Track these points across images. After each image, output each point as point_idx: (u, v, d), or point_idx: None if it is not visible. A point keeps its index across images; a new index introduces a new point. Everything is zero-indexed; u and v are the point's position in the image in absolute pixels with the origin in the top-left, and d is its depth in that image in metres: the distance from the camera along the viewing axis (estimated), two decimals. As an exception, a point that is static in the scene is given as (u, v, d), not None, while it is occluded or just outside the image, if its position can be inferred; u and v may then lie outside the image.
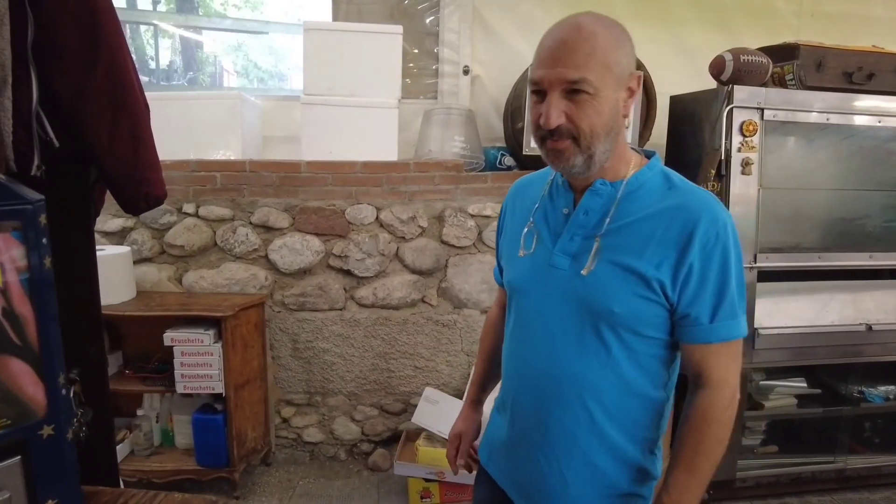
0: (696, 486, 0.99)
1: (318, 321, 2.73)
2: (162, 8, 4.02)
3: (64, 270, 1.19)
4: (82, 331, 1.28)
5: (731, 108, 2.28)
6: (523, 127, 2.57)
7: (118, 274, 2.49)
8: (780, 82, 2.46)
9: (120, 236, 2.67)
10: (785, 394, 2.60)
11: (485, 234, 2.74)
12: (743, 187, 2.33)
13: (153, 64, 4.01)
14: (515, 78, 2.95)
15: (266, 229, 2.67)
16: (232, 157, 2.72)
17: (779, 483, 2.58)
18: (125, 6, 3.80)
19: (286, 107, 3.22)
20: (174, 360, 2.39)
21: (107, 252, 2.47)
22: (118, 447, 2.50)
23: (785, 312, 2.47)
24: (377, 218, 2.71)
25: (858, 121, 2.43)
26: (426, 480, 2.45)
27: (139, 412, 2.60)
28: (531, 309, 1.08)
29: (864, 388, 2.66)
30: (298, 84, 4.09)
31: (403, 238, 2.73)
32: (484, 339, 1.38)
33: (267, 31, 4.11)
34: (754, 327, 2.39)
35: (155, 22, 3.90)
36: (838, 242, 2.51)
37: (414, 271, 2.75)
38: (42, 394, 0.69)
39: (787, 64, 2.43)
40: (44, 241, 0.68)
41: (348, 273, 2.71)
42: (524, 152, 2.54)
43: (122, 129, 1.26)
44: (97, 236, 2.65)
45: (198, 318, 2.40)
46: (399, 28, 2.83)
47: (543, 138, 0.98)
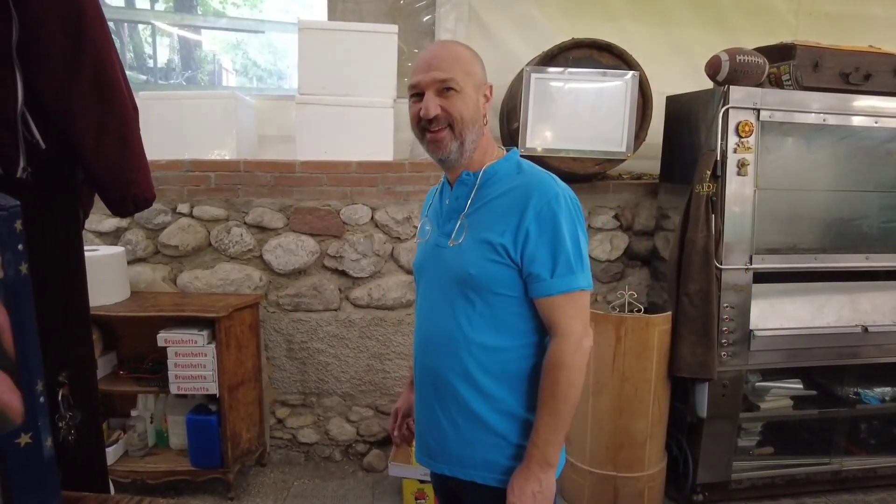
0: (557, 425, 1.13)
1: (312, 322, 2.72)
2: (160, 7, 4.01)
3: (51, 272, 1.18)
4: (70, 333, 1.27)
5: (728, 109, 2.27)
6: (518, 127, 2.55)
7: (112, 274, 2.48)
8: (776, 83, 2.45)
9: (114, 236, 2.66)
10: (781, 395, 2.59)
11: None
12: (739, 188, 2.32)
13: (151, 63, 4.00)
14: (510, 77, 2.94)
15: (261, 229, 2.66)
16: (226, 157, 2.71)
17: (774, 484, 2.57)
18: (123, 5, 3.79)
19: (281, 106, 3.20)
20: (168, 360, 2.38)
21: (100, 252, 2.46)
22: (112, 448, 2.49)
23: (781, 314, 2.46)
24: (372, 218, 2.70)
25: (855, 121, 2.42)
26: (421, 482, 2.44)
27: (133, 413, 2.59)
28: (424, 285, 1.28)
29: (859, 390, 2.65)
30: (296, 83, 4.09)
31: (398, 238, 2.72)
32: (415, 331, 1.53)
33: (263, 31, 4.10)
34: (750, 328, 2.38)
35: (153, 21, 3.89)
36: (835, 243, 2.51)
37: (409, 272, 2.74)
38: (19, 401, 0.68)
39: (784, 64, 2.42)
40: (19, 247, 0.67)
41: (343, 273, 2.70)
42: (521, 152, 2.52)
43: (108, 131, 1.25)
44: (91, 236, 2.64)
45: (192, 318, 2.39)
46: (394, 27, 2.82)
47: (424, 130, 1.17)
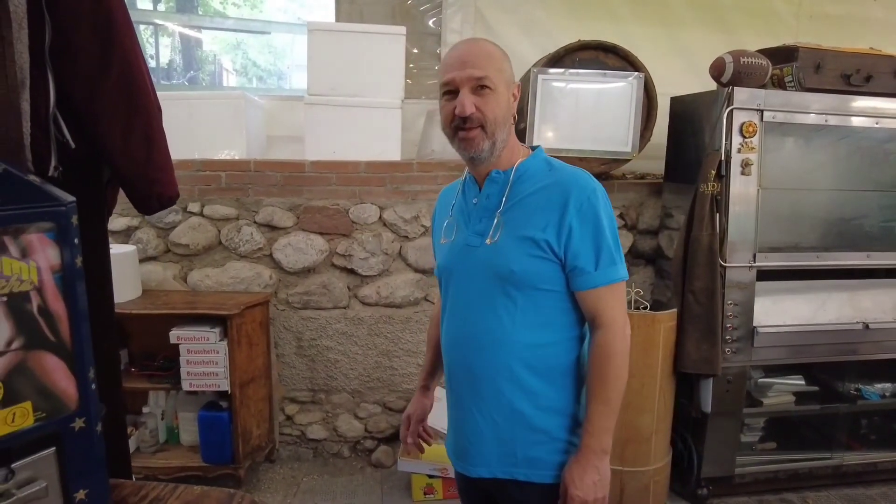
0: (609, 413, 1.16)
1: (322, 319, 2.75)
2: (161, 7, 4.04)
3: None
4: (96, 329, 1.30)
5: (732, 110, 2.31)
6: (525, 128, 2.59)
7: (124, 273, 2.51)
8: (779, 84, 2.49)
9: (125, 235, 2.69)
10: (783, 391, 2.63)
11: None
12: (742, 187, 2.36)
13: (153, 63, 4.03)
14: (516, 78, 2.97)
15: (270, 228, 2.69)
16: (236, 157, 2.74)
17: (777, 479, 2.61)
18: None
19: (289, 106, 3.24)
20: (180, 357, 2.42)
21: (112, 251, 2.49)
22: (124, 444, 2.52)
23: (783, 311, 2.50)
24: (380, 217, 2.74)
25: (856, 122, 2.46)
26: (429, 476, 2.48)
27: (145, 409, 2.63)
28: (455, 285, 1.27)
29: (860, 386, 2.69)
30: (297, 83, 4.12)
31: (406, 237, 2.75)
32: (430, 331, 1.56)
33: (269, 31, 4.13)
34: (753, 325, 2.42)
35: (157, 21, 3.92)
36: (836, 242, 2.55)
37: (417, 270, 2.77)
38: (74, 388, 0.72)
39: (787, 66, 2.46)
40: (76, 241, 0.71)
41: (352, 272, 2.74)
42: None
43: (135, 130, 1.28)
44: (103, 235, 2.67)
45: (203, 316, 2.43)
46: (402, 29, 2.85)
47: (456, 129, 1.17)
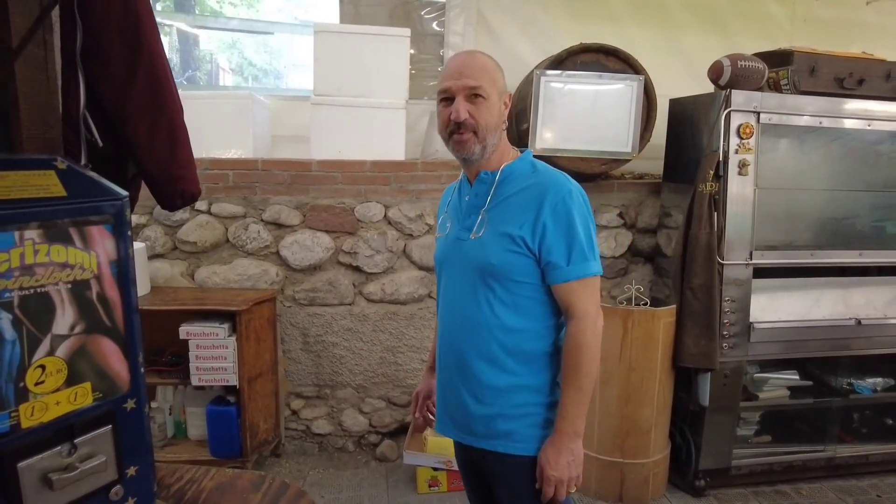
0: (581, 398, 1.25)
1: (327, 316, 2.80)
2: (158, 7, 4.07)
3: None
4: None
5: (729, 112, 2.37)
6: (528, 128, 2.65)
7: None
8: (775, 87, 2.56)
9: (133, 232, 2.73)
10: (778, 385, 2.70)
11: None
12: (740, 187, 2.42)
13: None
14: (518, 79, 3.03)
15: (277, 226, 2.74)
16: (243, 156, 2.79)
17: (772, 471, 2.68)
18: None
19: (294, 106, 3.28)
20: (189, 353, 2.46)
21: (123, 248, 2.53)
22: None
23: (779, 307, 2.57)
24: (385, 215, 2.79)
25: (849, 124, 2.53)
26: (434, 469, 2.54)
27: (153, 404, 2.67)
28: (447, 275, 1.41)
29: (853, 380, 2.76)
30: (295, 82, 4.17)
31: (411, 235, 2.80)
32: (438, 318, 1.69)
33: (272, 32, 4.17)
34: (749, 321, 2.49)
35: (159, 21, 3.95)
36: (830, 240, 2.61)
37: (421, 267, 2.82)
38: (126, 371, 0.77)
39: (783, 69, 2.53)
40: (129, 233, 0.76)
41: (357, 269, 2.79)
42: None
43: (160, 130, 1.33)
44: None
45: (212, 312, 2.47)
46: (407, 31, 2.90)
47: (451, 132, 1.29)
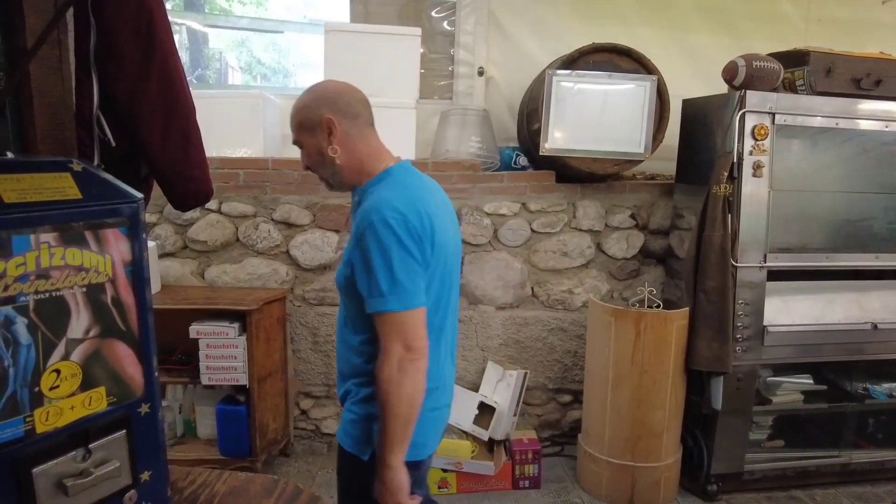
0: (386, 430, 1.24)
1: (337, 315, 2.79)
2: (168, 5, 4.08)
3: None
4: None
5: (744, 112, 2.34)
6: (539, 128, 2.63)
7: (144, 268, 2.55)
8: (790, 87, 2.53)
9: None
10: (792, 390, 2.67)
11: (500, 232, 2.80)
12: (754, 189, 2.39)
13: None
14: (527, 79, 3.02)
15: (287, 226, 2.74)
16: (253, 155, 2.78)
17: (785, 476, 2.65)
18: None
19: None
20: (199, 352, 2.46)
21: (133, 247, 2.54)
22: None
23: (793, 311, 2.54)
24: (395, 216, 2.77)
25: (865, 125, 2.49)
26: (444, 471, 2.53)
27: (163, 403, 2.67)
28: None
29: (868, 385, 2.73)
30: (303, 81, 4.16)
31: (421, 235, 2.79)
32: None
33: (282, 31, 4.17)
34: (763, 324, 2.46)
35: (171, 19, 3.95)
36: (845, 243, 2.58)
37: (430, 268, 2.81)
38: (140, 375, 0.76)
39: (798, 69, 2.49)
40: (143, 236, 0.75)
41: (367, 269, 2.78)
42: (541, 153, 2.60)
43: (173, 130, 1.32)
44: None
45: (222, 311, 2.47)
46: (417, 30, 2.89)
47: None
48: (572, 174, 2.76)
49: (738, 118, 2.35)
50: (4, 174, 0.63)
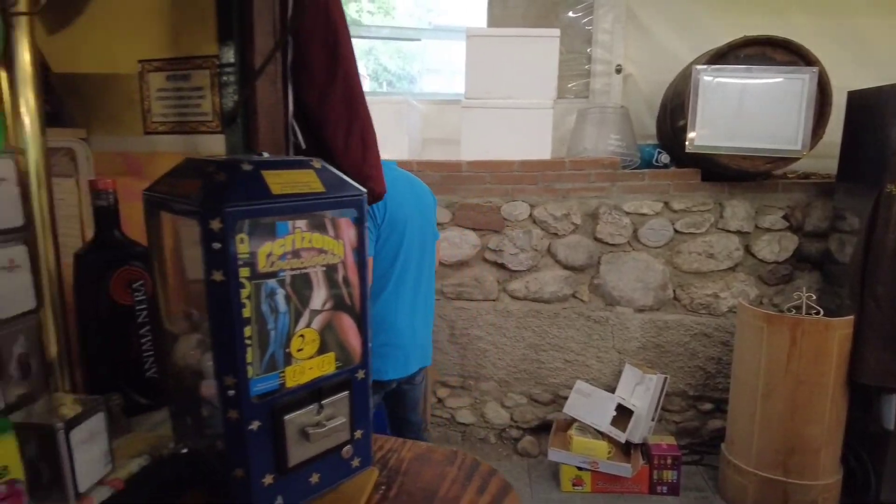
0: None
1: (473, 310, 2.90)
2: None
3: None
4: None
5: (927, 103, 2.13)
6: (685, 125, 2.55)
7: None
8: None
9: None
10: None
11: (640, 231, 2.76)
12: (937, 188, 2.16)
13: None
14: (667, 75, 2.94)
15: (429, 223, 2.88)
16: (398, 158, 2.96)
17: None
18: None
19: (441, 110, 3.43)
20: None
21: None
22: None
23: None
24: (531, 214, 2.82)
25: None
26: (579, 469, 2.53)
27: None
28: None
29: None
30: (427, 86, 4.32)
31: (556, 234, 2.82)
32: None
33: (419, 38, 4.37)
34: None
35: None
36: None
37: (566, 267, 2.83)
38: (359, 345, 0.87)
39: None
40: (365, 224, 0.86)
41: (502, 266, 2.85)
42: (687, 150, 2.53)
43: (354, 133, 1.47)
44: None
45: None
46: (556, 31, 2.92)
47: None
48: (719, 172, 2.65)
49: (919, 109, 2.14)
50: (268, 170, 0.76)
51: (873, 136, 2.41)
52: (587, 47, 3.42)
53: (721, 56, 2.54)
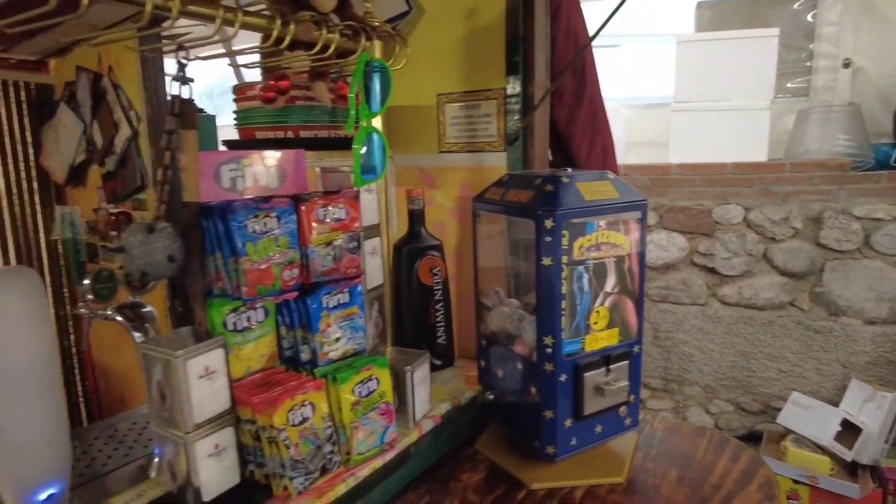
0: None
1: (679, 314, 2.92)
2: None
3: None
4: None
5: None
6: (934, 122, 2.34)
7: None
8: None
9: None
10: None
11: (873, 237, 2.57)
12: None
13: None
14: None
15: (635, 226, 2.97)
16: (605, 162, 3.09)
17: None
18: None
19: (646, 114, 3.48)
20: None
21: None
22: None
23: None
24: (745, 218, 2.78)
25: None
26: (795, 482, 2.45)
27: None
28: None
29: None
30: (626, 93, 4.33)
31: (773, 239, 2.73)
32: None
33: (618, 44, 4.44)
34: None
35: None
36: None
37: (784, 273, 2.73)
38: (636, 324, 1.05)
39: None
40: (645, 224, 1.04)
41: (712, 271, 2.84)
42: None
43: (596, 145, 1.65)
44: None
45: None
46: (775, 31, 2.84)
47: None
48: (978, 173, 2.38)
49: None
50: (580, 182, 0.97)
51: None
52: (808, 42, 3.25)
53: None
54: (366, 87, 1.02)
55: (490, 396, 1.13)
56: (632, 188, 1.02)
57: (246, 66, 1.09)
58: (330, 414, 0.92)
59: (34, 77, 2.85)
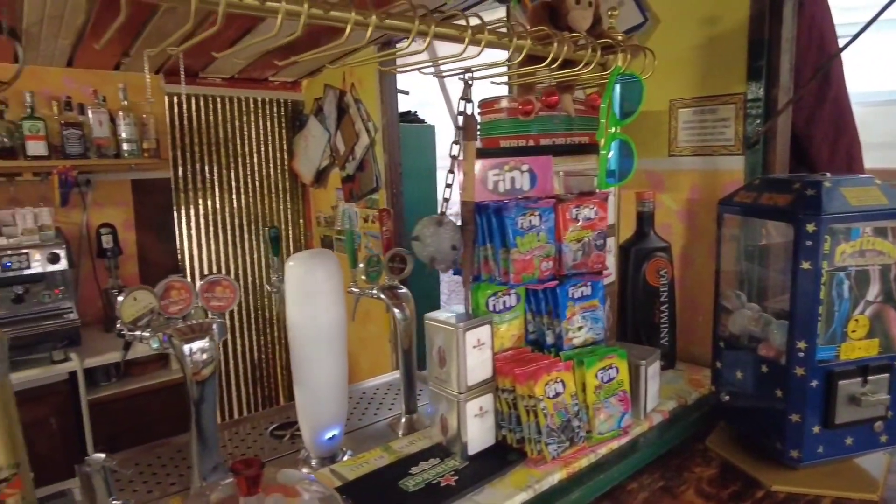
0: None
1: None
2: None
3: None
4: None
5: None
6: None
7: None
8: None
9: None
10: None
11: None
12: None
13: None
14: None
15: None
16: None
17: None
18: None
19: (880, 112, 3.08)
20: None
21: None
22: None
23: None
24: None
25: None
26: None
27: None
28: None
29: None
30: (856, 88, 3.82)
31: None
32: None
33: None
34: None
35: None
36: None
37: None
38: (897, 335, 1.00)
39: None
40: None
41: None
42: None
43: (840, 150, 1.55)
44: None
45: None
46: None
47: None
48: None
49: None
50: (845, 187, 0.96)
51: None
52: None
53: None
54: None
55: (726, 397, 1.14)
56: (900, 195, 0.98)
57: (506, 84, 1.24)
58: (576, 393, 1.03)
59: (290, 95, 3.41)
